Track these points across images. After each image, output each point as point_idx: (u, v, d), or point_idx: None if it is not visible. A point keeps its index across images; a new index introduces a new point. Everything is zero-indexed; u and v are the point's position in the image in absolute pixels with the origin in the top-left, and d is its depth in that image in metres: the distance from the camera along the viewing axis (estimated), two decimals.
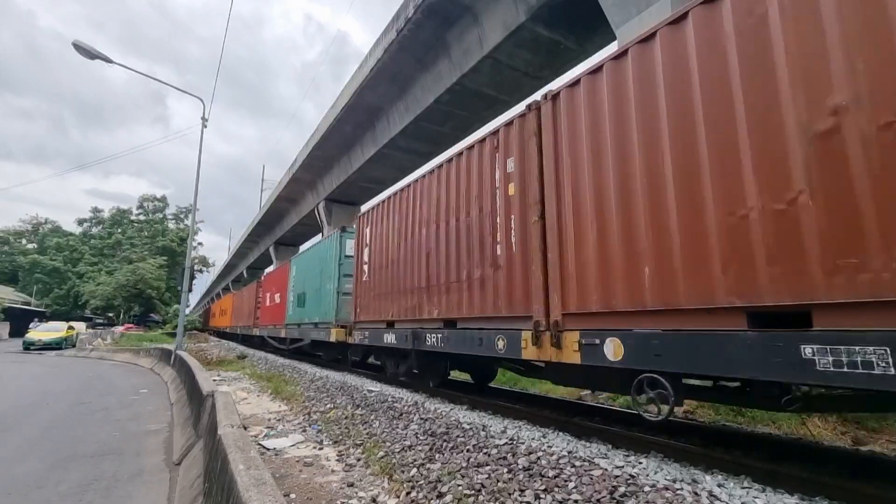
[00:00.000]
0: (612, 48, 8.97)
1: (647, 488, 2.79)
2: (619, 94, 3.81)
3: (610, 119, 3.87)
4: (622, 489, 2.80)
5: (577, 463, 3.28)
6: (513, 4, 9.39)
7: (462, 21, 10.58)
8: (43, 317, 42.41)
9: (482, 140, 5.55)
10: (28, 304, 48.23)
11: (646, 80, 3.60)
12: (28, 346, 22.03)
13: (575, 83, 4.29)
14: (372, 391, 6.94)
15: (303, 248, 24.42)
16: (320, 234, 22.80)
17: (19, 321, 37.61)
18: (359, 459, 3.87)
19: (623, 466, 3.23)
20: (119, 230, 58.25)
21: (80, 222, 63.19)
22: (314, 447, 4.31)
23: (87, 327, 34.17)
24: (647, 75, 3.60)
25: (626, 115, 3.73)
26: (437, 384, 7.09)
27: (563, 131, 4.34)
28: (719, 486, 2.88)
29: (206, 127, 14.51)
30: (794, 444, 4.15)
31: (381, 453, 3.89)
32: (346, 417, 5.37)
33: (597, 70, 4.06)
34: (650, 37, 3.63)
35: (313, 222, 23.96)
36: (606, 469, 3.14)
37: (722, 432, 4.57)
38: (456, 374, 8.30)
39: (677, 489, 2.78)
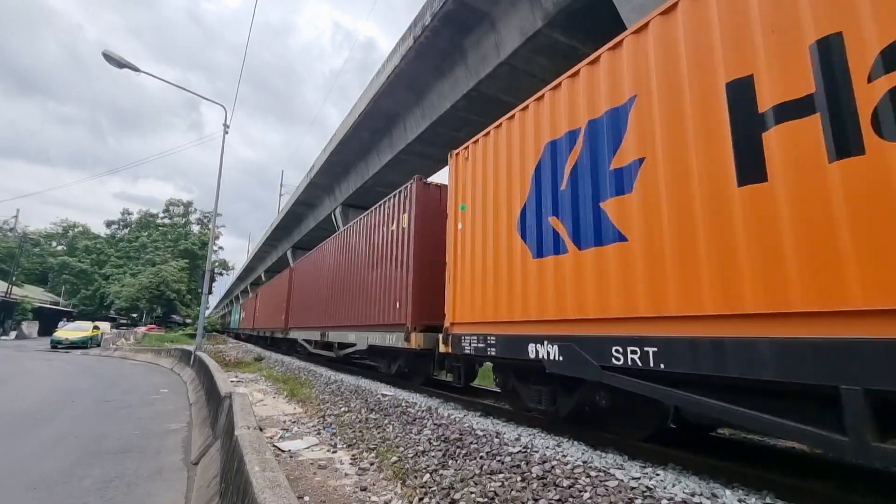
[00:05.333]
0: None
1: (664, 501, 2.73)
2: None
3: None
4: (639, 501, 2.74)
5: (593, 473, 3.23)
6: (529, 11, 9.40)
7: (479, 28, 10.63)
8: (70, 316, 43.91)
9: None
10: (56, 304, 49.99)
11: None
12: (55, 345, 22.78)
13: None
14: (386, 395, 6.96)
15: None
16: None
17: (48, 320, 39.12)
18: (372, 464, 3.88)
19: (640, 478, 3.17)
20: (146, 233, 59.76)
21: (108, 224, 65.06)
22: (328, 450, 4.34)
23: (112, 327, 35.23)
24: None
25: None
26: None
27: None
28: (740, 501, 2.80)
29: (227, 133, 14.87)
30: (819, 459, 4.00)
31: (395, 458, 3.90)
32: (359, 421, 5.39)
33: None
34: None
35: (329, 227, 24.19)
36: (622, 480, 3.08)
37: (744, 444, 4.45)
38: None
39: (696, 503, 2.71)
